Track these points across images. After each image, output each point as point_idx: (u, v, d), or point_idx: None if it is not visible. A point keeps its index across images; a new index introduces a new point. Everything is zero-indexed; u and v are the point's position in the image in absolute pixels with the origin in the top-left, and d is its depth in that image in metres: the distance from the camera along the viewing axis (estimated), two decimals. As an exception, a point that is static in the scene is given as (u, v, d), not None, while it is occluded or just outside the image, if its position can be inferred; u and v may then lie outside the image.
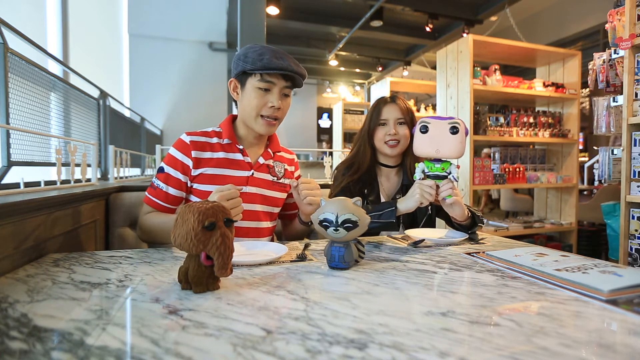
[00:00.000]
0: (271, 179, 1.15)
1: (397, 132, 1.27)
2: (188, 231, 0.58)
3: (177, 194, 1.06)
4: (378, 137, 1.30)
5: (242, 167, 1.10)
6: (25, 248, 0.81)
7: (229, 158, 1.09)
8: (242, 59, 1.03)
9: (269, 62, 1.00)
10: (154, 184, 1.06)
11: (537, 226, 2.98)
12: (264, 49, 1.03)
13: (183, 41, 5.72)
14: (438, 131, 1.03)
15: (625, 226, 1.66)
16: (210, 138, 1.09)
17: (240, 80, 1.06)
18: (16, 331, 0.47)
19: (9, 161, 1.05)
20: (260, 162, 1.13)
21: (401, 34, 5.60)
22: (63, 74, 2.21)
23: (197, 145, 1.06)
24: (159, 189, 1.05)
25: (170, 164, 1.06)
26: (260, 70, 1.01)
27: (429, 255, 0.91)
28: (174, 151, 1.07)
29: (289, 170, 1.22)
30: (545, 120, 3.04)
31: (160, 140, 5.32)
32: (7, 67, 1.08)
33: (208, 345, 0.44)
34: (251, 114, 1.06)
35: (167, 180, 1.05)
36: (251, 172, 1.10)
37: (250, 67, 1.01)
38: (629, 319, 0.53)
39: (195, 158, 1.05)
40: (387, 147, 1.28)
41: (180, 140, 1.08)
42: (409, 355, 0.42)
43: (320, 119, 9.01)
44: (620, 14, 1.70)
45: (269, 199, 1.14)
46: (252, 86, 1.04)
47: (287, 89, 1.07)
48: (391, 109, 1.29)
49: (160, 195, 1.05)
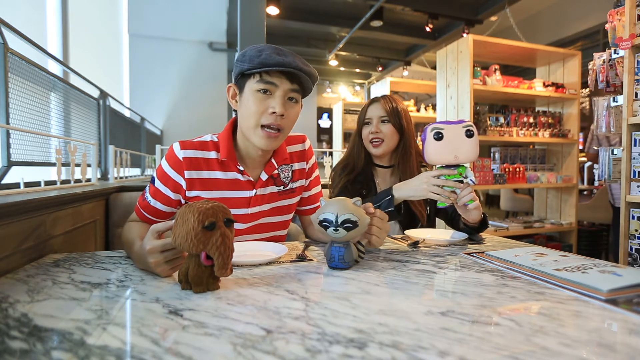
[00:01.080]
0: (277, 190, 1.02)
1: (380, 130, 1.27)
2: (188, 231, 0.58)
3: (166, 209, 0.95)
4: (364, 136, 1.32)
5: (242, 187, 0.96)
6: (25, 248, 0.81)
7: (228, 178, 0.95)
8: (240, 59, 0.88)
9: (267, 58, 0.84)
10: (145, 195, 0.96)
11: (537, 226, 2.98)
12: (265, 46, 0.87)
13: (183, 41, 5.72)
14: (453, 136, 0.96)
15: (625, 226, 1.66)
16: (208, 152, 0.94)
17: (239, 85, 0.91)
18: (16, 331, 0.47)
19: (9, 161, 1.05)
20: (263, 178, 0.98)
21: (401, 34, 5.60)
22: (63, 74, 2.21)
23: (192, 164, 0.93)
24: (147, 202, 0.95)
25: (160, 179, 0.94)
26: (258, 67, 0.85)
27: (429, 255, 0.91)
28: (165, 165, 0.94)
29: (297, 169, 1.06)
30: (545, 120, 3.04)
31: (160, 140, 5.32)
32: (7, 67, 1.08)
33: (208, 345, 0.44)
34: (250, 123, 0.89)
35: (156, 195, 0.94)
36: (254, 192, 0.97)
37: (247, 66, 0.86)
38: (628, 318, 0.53)
39: (188, 179, 0.92)
40: (371, 146, 1.29)
41: (173, 154, 0.93)
42: (409, 354, 0.42)
43: (320, 119, 9.01)
44: (620, 14, 1.70)
45: (279, 209, 1.03)
46: (251, 90, 0.87)
47: (294, 93, 0.90)
48: (375, 108, 1.30)
49: (149, 209, 0.95)
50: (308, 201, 1.12)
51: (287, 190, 1.04)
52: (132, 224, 0.93)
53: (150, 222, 0.94)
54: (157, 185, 0.94)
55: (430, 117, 4.70)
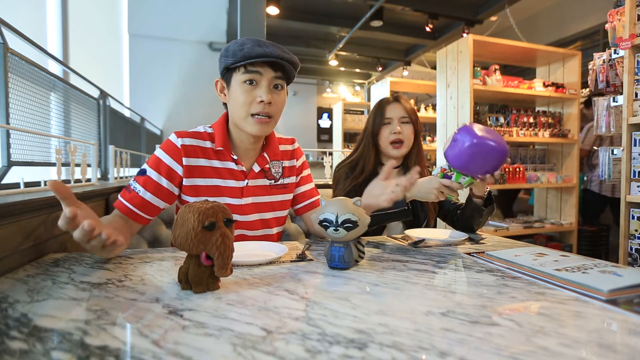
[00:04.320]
0: (268, 184, 1.06)
1: (402, 130, 1.26)
2: (188, 231, 0.58)
3: (155, 201, 0.92)
4: (382, 137, 1.28)
5: (235, 176, 1.00)
6: (25, 248, 0.81)
7: (224, 167, 0.98)
8: (224, 54, 0.93)
9: (250, 50, 0.89)
10: (130, 187, 0.91)
11: (537, 226, 2.98)
12: (246, 39, 0.92)
13: (183, 41, 5.72)
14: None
15: (625, 226, 1.66)
16: (204, 141, 0.98)
17: (226, 79, 0.96)
18: (16, 331, 0.47)
19: (9, 161, 1.05)
20: (255, 170, 1.03)
21: (401, 34, 5.60)
22: (63, 74, 2.21)
23: (189, 151, 0.95)
24: (135, 193, 0.90)
25: (153, 167, 0.93)
26: (242, 61, 0.89)
27: (429, 255, 0.91)
28: (161, 153, 0.94)
29: (287, 166, 1.10)
30: (545, 120, 3.04)
31: (160, 140, 5.31)
32: (7, 67, 1.08)
33: (208, 345, 0.44)
34: (240, 113, 0.94)
35: (146, 184, 0.91)
36: (245, 182, 1.01)
37: (232, 60, 0.91)
38: (629, 318, 0.53)
39: (187, 166, 0.94)
40: (391, 148, 1.27)
41: (170, 143, 0.95)
42: (409, 355, 0.42)
43: (320, 119, 9.01)
44: (620, 14, 1.69)
45: (272, 204, 1.06)
46: (238, 82, 0.92)
47: (278, 80, 0.94)
48: (395, 108, 1.28)
49: (135, 200, 0.90)
50: (302, 197, 1.15)
51: (279, 185, 1.07)
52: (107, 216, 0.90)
53: (136, 218, 0.91)
54: (150, 173, 0.92)
55: (431, 117, 4.69)
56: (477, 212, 1.13)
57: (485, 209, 1.12)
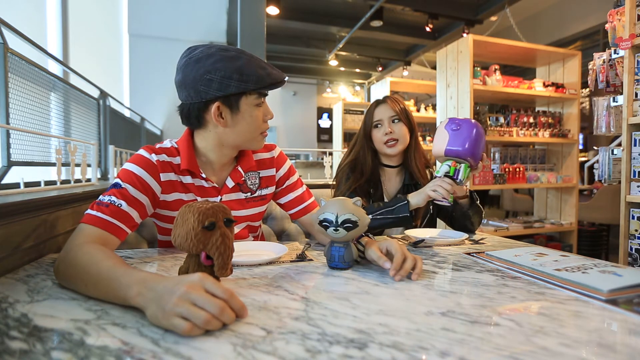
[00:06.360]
0: (244, 197, 1.00)
1: (393, 130, 1.27)
2: (188, 231, 0.58)
3: (133, 214, 0.81)
4: (376, 139, 1.30)
5: (208, 193, 0.95)
6: (25, 248, 0.81)
7: (194, 184, 0.93)
8: (238, 78, 0.82)
9: (273, 76, 0.87)
10: (102, 201, 0.78)
11: (537, 226, 2.97)
12: (251, 61, 0.84)
13: (183, 41, 5.70)
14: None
15: (625, 226, 1.66)
16: (173, 157, 0.91)
17: (229, 103, 0.85)
18: (16, 331, 0.47)
19: (9, 161, 1.05)
20: (229, 185, 0.97)
21: (401, 34, 5.60)
22: (63, 74, 2.21)
23: (165, 167, 0.89)
24: (112, 205, 0.78)
25: (128, 181, 0.82)
26: (267, 87, 0.86)
27: (429, 255, 0.91)
28: (135, 168, 0.85)
29: (265, 176, 1.04)
30: (545, 120, 3.04)
31: (160, 140, 5.31)
32: (7, 67, 1.08)
33: (208, 345, 0.44)
34: (253, 135, 0.91)
35: (124, 197, 0.80)
36: (219, 199, 0.95)
37: (253, 86, 0.84)
38: (628, 318, 0.53)
39: (165, 182, 0.88)
40: (386, 147, 1.28)
41: (143, 158, 0.87)
42: (409, 355, 0.42)
43: (320, 119, 9.01)
44: (620, 14, 1.69)
45: (246, 217, 1.01)
46: (250, 106, 0.87)
47: None
48: (383, 109, 1.30)
49: (118, 214, 0.78)
50: (296, 202, 1.09)
51: (256, 197, 1.02)
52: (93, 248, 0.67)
53: (113, 229, 0.77)
54: (125, 186, 0.81)
55: (430, 117, 4.70)
56: (464, 215, 1.21)
57: (471, 208, 1.20)
